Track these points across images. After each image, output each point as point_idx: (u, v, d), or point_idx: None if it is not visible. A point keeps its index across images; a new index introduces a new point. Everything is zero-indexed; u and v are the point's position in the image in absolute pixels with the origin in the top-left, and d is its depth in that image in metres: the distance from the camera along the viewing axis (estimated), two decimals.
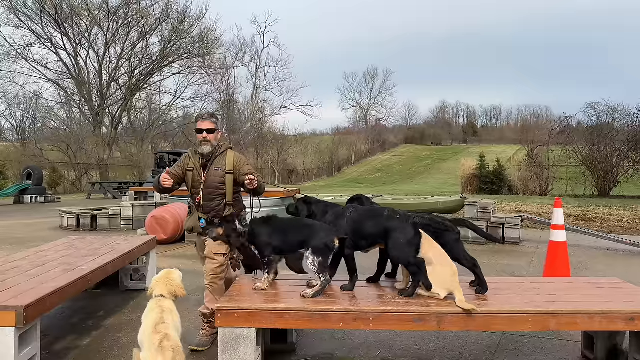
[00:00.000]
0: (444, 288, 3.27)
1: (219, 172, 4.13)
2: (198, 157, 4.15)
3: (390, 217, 3.54)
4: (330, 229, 3.51)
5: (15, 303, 3.23)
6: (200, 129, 4.08)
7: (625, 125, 28.83)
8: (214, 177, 4.12)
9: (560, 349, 4.11)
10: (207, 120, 4.12)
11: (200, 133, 4.08)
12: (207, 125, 4.09)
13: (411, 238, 3.38)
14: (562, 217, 5.83)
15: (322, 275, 3.38)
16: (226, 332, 3.20)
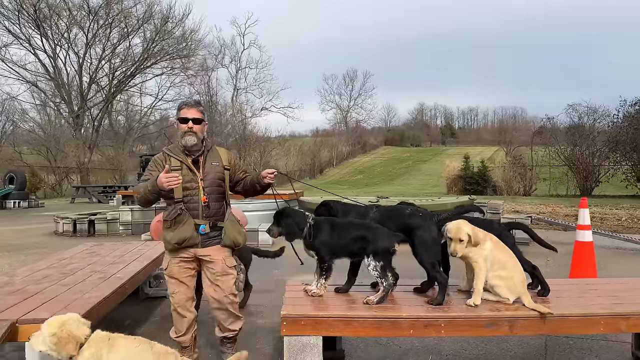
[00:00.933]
0: (513, 293, 3.20)
1: (217, 167, 3.56)
2: (182, 153, 3.49)
3: (413, 215, 3.51)
4: (390, 232, 3.41)
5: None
6: (185, 118, 3.45)
7: (606, 126, 29.53)
8: (214, 173, 3.53)
9: (608, 350, 4.10)
10: (193, 108, 3.51)
11: (184, 122, 3.45)
12: (193, 113, 3.47)
13: (435, 237, 3.38)
14: (588, 217, 5.86)
15: (384, 280, 3.28)
16: (292, 340, 3.08)
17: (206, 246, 3.47)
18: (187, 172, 3.44)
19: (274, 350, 4.15)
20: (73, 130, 36.70)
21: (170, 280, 3.54)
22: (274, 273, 6.76)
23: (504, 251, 3.26)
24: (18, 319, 2.98)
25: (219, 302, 3.53)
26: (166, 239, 3.44)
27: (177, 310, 3.54)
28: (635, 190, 26.66)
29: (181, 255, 3.47)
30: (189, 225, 3.39)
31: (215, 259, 3.49)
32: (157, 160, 3.52)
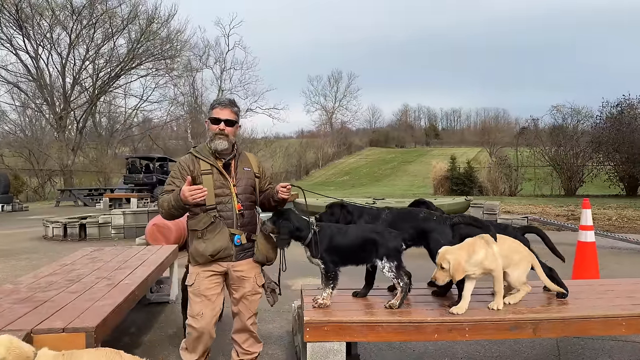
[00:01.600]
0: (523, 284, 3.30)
1: (249, 173, 3.27)
2: (212, 155, 3.18)
3: (427, 219, 3.47)
4: (395, 232, 3.34)
5: (83, 324, 2.97)
6: (217, 119, 3.13)
7: (589, 127, 30.05)
8: (247, 179, 3.24)
9: (620, 350, 4.12)
10: (227, 108, 3.17)
11: (216, 123, 3.13)
12: (227, 114, 3.15)
13: (451, 239, 3.34)
14: (590, 217, 5.91)
15: (400, 281, 3.22)
16: (315, 347, 3.03)
17: (239, 260, 3.18)
18: (218, 176, 3.14)
19: (287, 355, 4.10)
20: (56, 132, 36.06)
21: (196, 299, 3.13)
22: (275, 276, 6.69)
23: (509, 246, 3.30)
24: (33, 329, 2.87)
25: (243, 324, 3.27)
26: (198, 250, 3.09)
27: (199, 335, 3.12)
28: (618, 190, 27.18)
29: (211, 268, 3.14)
30: (224, 235, 3.09)
31: (247, 276, 3.21)
32: (182, 165, 3.17)
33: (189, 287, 3.20)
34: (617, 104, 27.85)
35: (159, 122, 45.96)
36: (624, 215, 13.57)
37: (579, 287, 3.88)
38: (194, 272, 3.17)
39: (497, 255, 3.16)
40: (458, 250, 3.10)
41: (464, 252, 3.10)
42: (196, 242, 3.11)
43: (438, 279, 3.09)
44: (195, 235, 3.12)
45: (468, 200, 10.42)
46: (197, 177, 3.10)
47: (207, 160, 3.15)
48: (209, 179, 3.10)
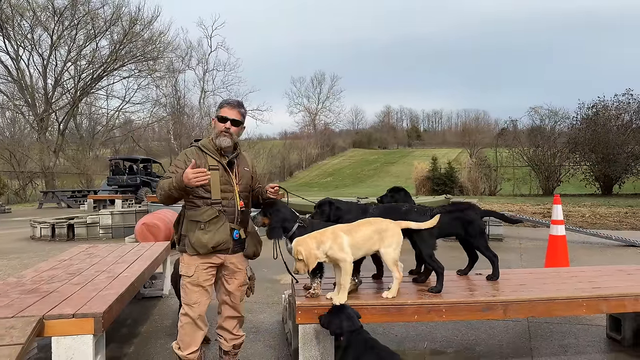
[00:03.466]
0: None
1: (248, 172, 3.46)
2: (217, 153, 3.32)
3: (409, 211, 3.75)
4: None
5: (91, 310, 3.19)
6: (224, 117, 3.28)
7: (566, 128, 30.88)
8: (246, 178, 3.44)
9: (586, 332, 4.48)
10: (235, 108, 3.33)
11: (223, 122, 3.28)
12: (234, 114, 3.31)
13: (431, 230, 3.60)
14: (561, 212, 6.30)
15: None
16: (306, 328, 3.30)
17: (234, 253, 3.36)
18: (223, 173, 3.28)
19: (278, 342, 4.36)
20: (37, 133, 35.69)
21: (194, 288, 3.26)
22: (263, 272, 6.94)
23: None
24: (44, 314, 3.08)
25: (235, 311, 3.47)
26: (201, 241, 3.19)
27: (195, 322, 3.27)
28: (593, 189, 27.98)
29: (210, 260, 3.28)
30: (225, 229, 3.25)
31: (239, 269, 3.41)
32: (189, 156, 3.26)
33: (186, 277, 3.27)
34: (592, 105, 28.71)
35: (141, 124, 45.73)
36: (597, 213, 14.13)
37: (547, 274, 4.24)
38: (192, 263, 3.25)
39: (345, 246, 3.23)
40: (308, 240, 3.21)
41: (313, 241, 3.20)
42: (199, 233, 3.20)
43: (298, 269, 3.18)
44: (197, 227, 3.21)
45: (448, 199, 10.80)
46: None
47: (214, 157, 3.29)
48: (216, 175, 3.24)
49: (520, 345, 4.20)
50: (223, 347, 3.51)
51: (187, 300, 3.28)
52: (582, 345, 4.17)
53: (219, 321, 3.50)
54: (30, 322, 2.98)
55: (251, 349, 4.18)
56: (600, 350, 4.07)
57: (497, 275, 3.90)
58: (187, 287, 3.28)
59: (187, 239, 3.26)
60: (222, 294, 3.46)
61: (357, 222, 3.38)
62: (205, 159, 3.28)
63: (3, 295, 3.57)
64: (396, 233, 3.40)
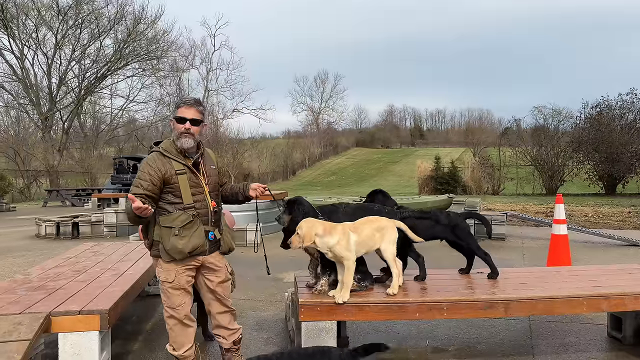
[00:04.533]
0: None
1: (214, 170, 3.40)
2: (180, 154, 3.24)
3: (380, 211, 3.79)
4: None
5: (97, 307, 3.25)
6: (182, 118, 3.19)
7: (569, 127, 30.81)
8: (214, 176, 3.38)
9: (587, 331, 4.51)
10: (192, 107, 3.23)
11: (182, 122, 3.19)
12: (192, 113, 3.21)
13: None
14: (563, 212, 6.32)
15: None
16: (309, 325, 3.34)
17: (210, 253, 3.32)
18: (190, 175, 3.22)
19: (281, 339, 4.40)
20: (41, 132, 35.87)
21: (176, 292, 3.22)
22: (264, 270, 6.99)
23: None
24: (51, 311, 3.14)
25: (225, 307, 3.46)
26: (177, 248, 3.11)
27: (182, 322, 3.27)
28: (597, 188, 27.90)
29: (189, 264, 3.23)
30: (200, 232, 3.19)
31: (219, 267, 3.38)
32: (152, 166, 3.14)
33: (167, 283, 3.22)
34: (596, 104, 28.61)
35: (145, 123, 45.88)
36: (600, 212, 14.12)
37: (548, 272, 4.27)
38: (171, 269, 3.19)
39: (352, 244, 3.26)
40: (317, 223, 3.25)
41: (320, 227, 3.22)
42: (173, 240, 3.11)
43: (292, 242, 3.21)
44: (171, 233, 3.12)
45: (450, 198, 10.83)
46: (171, 177, 3.14)
47: (179, 160, 3.20)
48: (184, 179, 3.16)
49: (522, 343, 4.23)
50: (224, 346, 3.51)
51: (170, 304, 3.25)
52: (583, 343, 4.19)
53: (212, 321, 3.50)
54: (37, 318, 3.04)
55: (254, 345, 4.22)
56: (601, 348, 4.09)
57: (496, 273, 3.94)
58: (168, 292, 3.23)
59: (161, 245, 3.16)
60: (206, 292, 3.42)
61: (359, 221, 3.43)
62: (170, 164, 3.17)
63: (11, 292, 3.64)
64: (394, 230, 3.48)
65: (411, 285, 3.73)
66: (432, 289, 3.62)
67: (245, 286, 6.20)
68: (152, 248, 3.25)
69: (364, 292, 3.55)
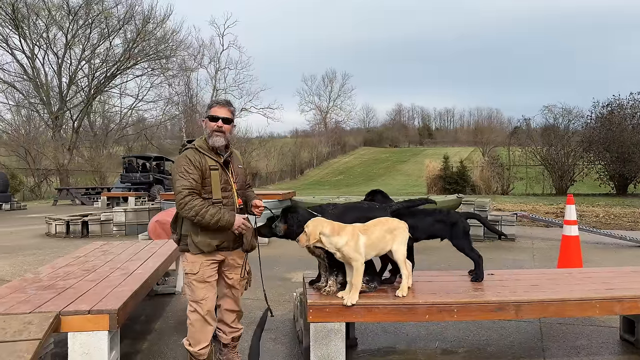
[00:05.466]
0: None
1: (242, 170, 3.55)
2: (213, 152, 3.35)
3: (371, 208, 3.79)
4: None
5: (106, 306, 3.25)
6: (215, 117, 3.32)
7: (580, 126, 30.55)
8: (242, 176, 3.53)
9: (598, 334, 4.45)
10: (224, 107, 3.39)
11: (214, 121, 3.32)
12: (224, 112, 3.35)
13: None
14: (574, 212, 6.25)
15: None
16: (318, 327, 3.33)
17: (234, 249, 3.42)
18: (222, 173, 3.33)
19: (290, 340, 4.39)
20: (52, 131, 36.18)
21: (200, 285, 3.30)
22: (275, 270, 6.98)
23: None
24: (61, 310, 3.14)
25: (234, 305, 3.54)
26: (205, 241, 3.23)
27: (205, 318, 3.31)
28: (608, 188, 27.64)
29: (213, 257, 3.32)
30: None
31: (239, 264, 3.47)
32: (191, 159, 3.25)
33: (192, 275, 3.30)
34: (607, 104, 28.34)
35: (154, 122, 46.16)
36: (611, 213, 13.97)
37: (560, 274, 4.22)
38: (196, 261, 3.28)
39: (361, 246, 3.26)
40: (325, 222, 3.27)
41: (328, 226, 3.24)
42: (202, 233, 3.23)
43: (300, 240, 3.25)
44: (199, 226, 3.22)
45: (459, 198, 10.75)
46: (206, 171, 3.25)
47: (212, 157, 3.32)
48: (216, 175, 3.28)
49: (532, 345, 4.18)
50: (222, 340, 3.57)
51: (194, 297, 3.32)
52: (594, 346, 4.14)
53: (218, 315, 3.53)
54: (47, 317, 3.05)
55: (262, 346, 4.21)
56: (613, 352, 4.04)
57: (481, 276, 3.90)
58: (193, 284, 3.31)
59: (190, 239, 3.27)
60: (222, 288, 3.51)
61: (369, 223, 3.40)
62: (205, 159, 3.29)
63: (21, 291, 3.65)
64: (406, 231, 3.46)
65: (420, 287, 3.70)
66: (441, 290, 3.59)
67: (254, 285, 6.16)
68: (181, 242, 3.36)
69: (373, 293, 3.53)
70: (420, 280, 3.88)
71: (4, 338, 2.82)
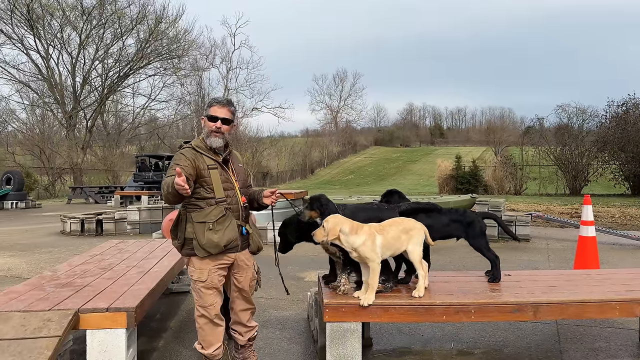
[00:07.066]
0: None
1: (242, 168, 3.49)
2: (211, 152, 3.27)
3: (380, 208, 3.77)
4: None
5: (124, 304, 3.27)
6: (214, 117, 3.23)
7: (594, 126, 30.18)
8: (242, 174, 3.45)
9: (617, 336, 4.39)
10: (224, 107, 3.28)
11: (213, 121, 3.23)
12: (224, 113, 3.26)
13: None
14: (591, 213, 6.17)
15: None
16: (334, 326, 3.32)
17: (242, 250, 3.35)
18: (221, 171, 3.26)
19: (305, 338, 4.39)
20: (66, 130, 36.60)
21: (208, 291, 3.23)
22: (288, 269, 6.99)
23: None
24: (79, 308, 3.17)
25: (247, 305, 3.50)
26: (212, 241, 3.12)
27: (213, 321, 3.28)
28: (623, 189, 27.28)
29: (222, 261, 3.24)
30: (233, 226, 3.21)
31: (249, 265, 3.41)
32: (187, 156, 3.17)
33: (200, 282, 3.22)
34: (622, 103, 27.93)
35: (166, 121, 46.48)
36: (627, 214, 13.78)
37: (578, 275, 4.17)
38: (204, 267, 3.20)
39: (378, 246, 3.24)
40: (345, 220, 3.24)
41: (348, 224, 3.21)
42: (208, 234, 3.12)
43: (316, 235, 3.23)
44: (205, 227, 3.13)
45: (473, 198, 10.68)
46: (204, 170, 3.17)
47: (210, 156, 3.25)
48: (216, 173, 3.20)
49: (549, 347, 4.13)
50: (239, 342, 3.53)
51: (202, 303, 3.26)
52: (613, 348, 4.08)
53: (232, 317, 3.51)
54: (66, 315, 3.08)
55: (277, 345, 4.21)
56: (632, 354, 3.98)
57: (498, 277, 3.85)
58: (201, 291, 3.24)
59: (196, 242, 3.15)
60: (233, 292, 3.45)
61: (385, 222, 3.39)
62: (202, 158, 3.21)
63: (39, 289, 3.69)
64: (421, 232, 3.44)
65: (437, 287, 3.67)
66: (458, 291, 3.56)
67: (266, 285, 6.18)
68: (184, 247, 3.25)
69: (389, 293, 3.51)
70: (437, 281, 3.85)
71: (24, 335, 2.86)
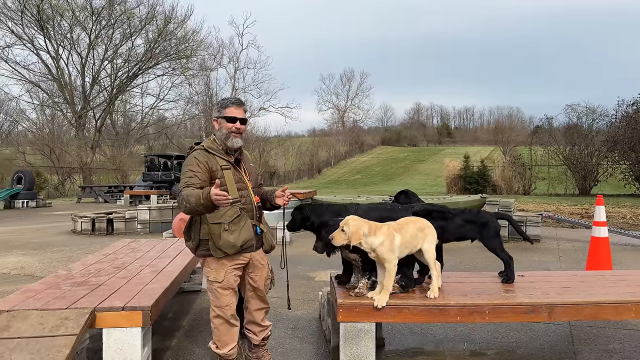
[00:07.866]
0: None
1: (253, 168, 3.51)
2: (224, 152, 3.27)
3: (394, 209, 3.78)
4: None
5: (139, 303, 3.29)
6: (232, 117, 3.25)
7: (604, 126, 29.94)
8: (254, 174, 3.48)
9: (631, 338, 4.36)
10: (241, 107, 3.31)
11: (232, 122, 3.24)
12: (241, 113, 3.29)
13: None
14: (603, 213, 6.13)
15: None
16: (347, 326, 3.33)
17: (257, 249, 3.37)
18: (235, 172, 3.27)
19: (317, 338, 4.40)
20: (75, 130, 36.88)
21: (225, 292, 3.25)
22: (299, 269, 7.00)
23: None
24: (96, 307, 3.20)
25: (262, 304, 3.51)
26: (229, 242, 3.13)
27: (229, 321, 3.30)
28: (633, 189, 27.04)
29: (238, 261, 3.26)
30: (249, 226, 3.23)
31: (263, 264, 3.44)
32: (200, 159, 3.17)
33: (216, 282, 3.23)
34: (632, 102, 27.70)
35: (174, 121, 46.70)
36: (639, 214, 13.69)
37: (592, 277, 4.14)
38: (220, 268, 3.21)
39: (396, 246, 3.23)
40: (363, 222, 3.22)
41: (367, 226, 3.20)
42: (224, 235, 3.12)
43: (335, 238, 3.18)
44: (221, 228, 3.13)
45: (483, 198, 10.64)
46: (217, 172, 3.16)
47: (222, 157, 3.24)
48: (229, 174, 3.21)
49: (563, 349, 4.11)
50: (253, 342, 3.54)
51: (218, 304, 3.28)
52: (627, 350, 4.06)
53: (247, 317, 3.52)
54: (83, 313, 3.10)
55: (289, 345, 4.22)
56: None
57: (512, 278, 3.85)
58: (217, 292, 3.26)
59: (212, 243, 3.16)
60: (248, 291, 3.47)
61: (401, 221, 3.39)
62: (215, 160, 3.21)
63: (55, 287, 3.72)
64: (434, 231, 3.45)
65: (450, 288, 3.67)
66: (472, 292, 3.55)
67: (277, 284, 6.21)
68: (199, 248, 3.27)
69: (402, 294, 3.51)
70: (450, 282, 3.85)
71: (42, 333, 2.89)
